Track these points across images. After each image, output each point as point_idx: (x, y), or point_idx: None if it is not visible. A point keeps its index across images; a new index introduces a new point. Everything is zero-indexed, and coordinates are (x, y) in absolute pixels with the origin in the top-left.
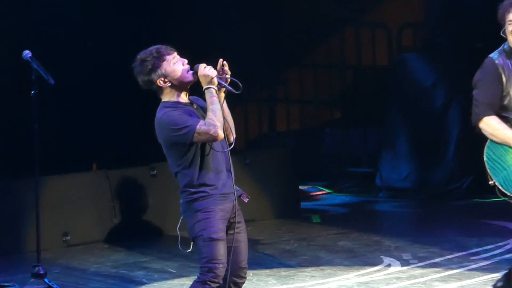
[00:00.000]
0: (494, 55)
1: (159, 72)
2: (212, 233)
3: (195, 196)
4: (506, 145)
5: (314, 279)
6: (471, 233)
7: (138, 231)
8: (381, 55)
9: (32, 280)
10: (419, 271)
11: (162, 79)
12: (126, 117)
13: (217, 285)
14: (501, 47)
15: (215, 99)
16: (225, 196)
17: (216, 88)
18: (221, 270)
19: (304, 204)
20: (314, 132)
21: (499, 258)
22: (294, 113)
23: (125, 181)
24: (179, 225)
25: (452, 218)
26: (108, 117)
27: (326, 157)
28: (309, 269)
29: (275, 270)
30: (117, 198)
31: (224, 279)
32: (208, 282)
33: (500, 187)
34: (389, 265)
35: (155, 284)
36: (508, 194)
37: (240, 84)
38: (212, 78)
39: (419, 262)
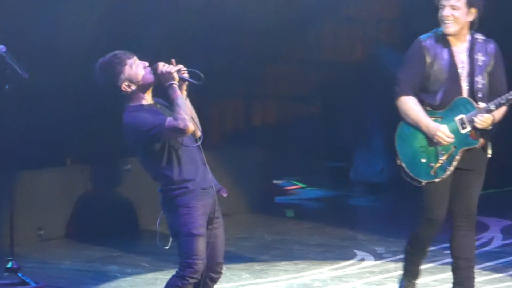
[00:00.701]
0: (424, 36)
1: (122, 77)
2: (193, 228)
3: (176, 192)
4: (417, 128)
5: (287, 273)
6: (444, 227)
7: (112, 226)
8: (357, 50)
9: (5, 274)
10: (392, 265)
11: (126, 83)
12: (100, 112)
13: (196, 280)
14: (434, 30)
15: (179, 93)
16: (206, 191)
17: (177, 83)
18: (200, 265)
19: (278, 199)
20: (290, 127)
21: None
22: (270, 108)
23: (99, 176)
24: (158, 220)
25: None
26: (82, 112)
27: (301, 152)
28: (283, 263)
29: (248, 264)
30: (91, 193)
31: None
32: (187, 277)
33: (405, 167)
34: (362, 259)
35: (128, 278)
36: (411, 175)
37: (201, 74)
38: (172, 73)
39: (393, 256)
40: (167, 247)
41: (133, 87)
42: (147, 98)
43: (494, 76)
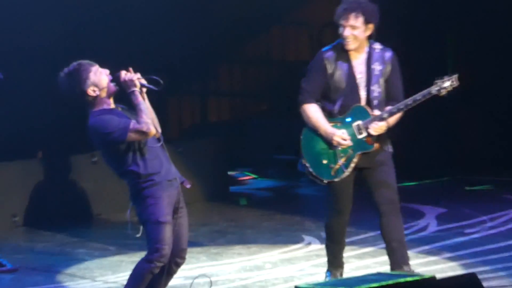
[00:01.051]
0: (326, 48)
1: (88, 82)
2: (160, 217)
3: (143, 185)
4: (316, 134)
5: (241, 256)
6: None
7: (80, 213)
8: (304, 51)
9: None
10: None
11: (92, 88)
12: (69, 109)
13: (162, 264)
14: (336, 41)
15: (141, 99)
16: (170, 182)
17: (139, 90)
18: (166, 250)
19: (232, 188)
20: (243, 123)
21: (410, 237)
22: (224, 105)
23: (68, 167)
24: (129, 211)
25: (367, 201)
26: (51, 108)
27: (253, 146)
28: (237, 247)
29: (205, 248)
30: (61, 183)
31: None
32: (155, 261)
33: (309, 167)
34: (309, 243)
35: (96, 260)
36: (314, 174)
37: (160, 80)
38: (134, 81)
39: None
40: (138, 235)
41: (98, 92)
42: (110, 103)
43: (390, 83)
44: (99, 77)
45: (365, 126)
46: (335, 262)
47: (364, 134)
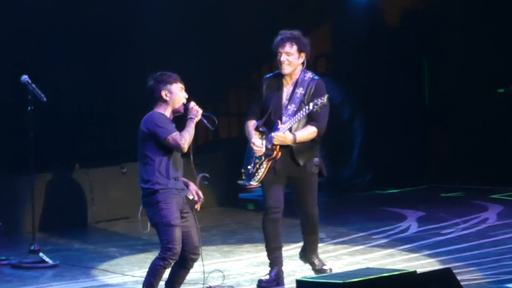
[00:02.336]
0: (267, 75)
1: (168, 86)
2: (171, 220)
3: (156, 187)
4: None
5: (249, 253)
6: (372, 218)
7: (112, 217)
8: None
9: (29, 255)
10: (331, 247)
11: (166, 92)
12: (101, 126)
13: (174, 260)
14: (276, 71)
15: (193, 125)
16: (179, 192)
17: (196, 120)
18: (177, 249)
19: (241, 195)
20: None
21: (394, 237)
22: (233, 124)
23: (101, 177)
24: (140, 212)
25: (357, 206)
26: (87, 125)
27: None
28: (245, 245)
29: (219, 246)
30: (95, 190)
31: (182, 255)
32: (168, 259)
33: (243, 173)
34: None
35: (125, 257)
36: (243, 178)
37: (216, 121)
38: (199, 113)
39: (332, 240)
40: (147, 231)
41: (168, 99)
42: (170, 115)
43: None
44: (177, 91)
45: (272, 137)
46: (274, 261)
47: (271, 144)
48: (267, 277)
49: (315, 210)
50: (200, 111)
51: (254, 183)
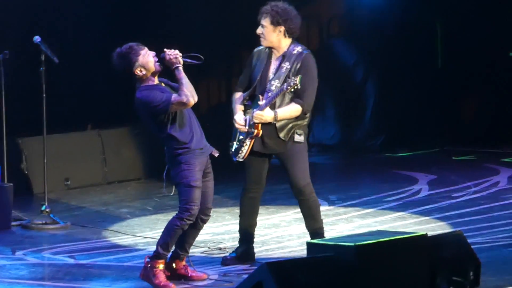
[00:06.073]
0: (258, 47)
1: (137, 64)
2: (192, 181)
3: (179, 151)
4: None
5: (261, 215)
6: (383, 180)
7: (123, 178)
8: (314, 40)
9: (40, 215)
10: (342, 209)
11: (139, 69)
12: (113, 87)
13: (191, 222)
14: None
15: (183, 74)
16: (202, 151)
17: (181, 65)
18: (195, 210)
19: None
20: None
21: (405, 200)
22: None
23: (113, 138)
24: (165, 172)
25: (368, 169)
26: (98, 88)
27: None
28: None
29: (230, 208)
30: (107, 152)
31: None
32: (185, 219)
33: (231, 148)
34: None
35: (136, 219)
36: (231, 153)
37: (201, 56)
38: (178, 57)
39: (343, 202)
40: (171, 194)
41: (144, 72)
42: (155, 80)
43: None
44: (146, 59)
45: (253, 114)
46: (244, 238)
47: (253, 121)
48: (233, 254)
49: (305, 182)
50: (179, 55)
51: (239, 160)
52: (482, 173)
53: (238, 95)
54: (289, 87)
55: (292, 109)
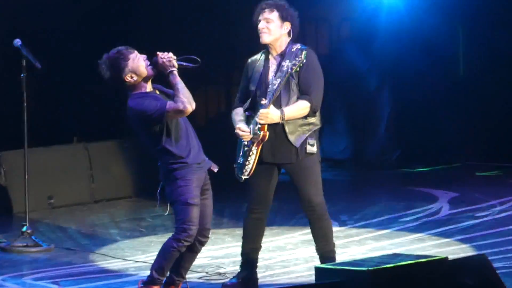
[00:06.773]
0: (257, 55)
1: (127, 69)
2: (189, 198)
3: (175, 166)
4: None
5: (264, 237)
6: (399, 198)
7: (112, 196)
8: (323, 44)
9: (20, 237)
10: (354, 230)
11: (129, 75)
12: (101, 98)
13: (189, 243)
14: (263, 50)
15: (179, 79)
16: (200, 166)
17: (176, 69)
18: (193, 231)
19: None
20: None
21: (423, 220)
22: None
23: (102, 152)
24: (159, 189)
25: (383, 186)
26: (85, 97)
27: None
28: None
29: (230, 229)
30: (95, 167)
31: None
32: (182, 240)
33: (235, 168)
34: None
35: (127, 241)
36: (236, 173)
37: (197, 58)
38: (172, 61)
39: (355, 223)
40: (166, 213)
41: (136, 78)
42: (148, 86)
43: (301, 79)
44: (137, 64)
45: (257, 116)
46: (246, 263)
47: (259, 125)
48: (234, 280)
49: (319, 199)
50: (173, 58)
51: (244, 177)
52: (508, 190)
53: (237, 110)
54: (294, 67)
55: (300, 107)
